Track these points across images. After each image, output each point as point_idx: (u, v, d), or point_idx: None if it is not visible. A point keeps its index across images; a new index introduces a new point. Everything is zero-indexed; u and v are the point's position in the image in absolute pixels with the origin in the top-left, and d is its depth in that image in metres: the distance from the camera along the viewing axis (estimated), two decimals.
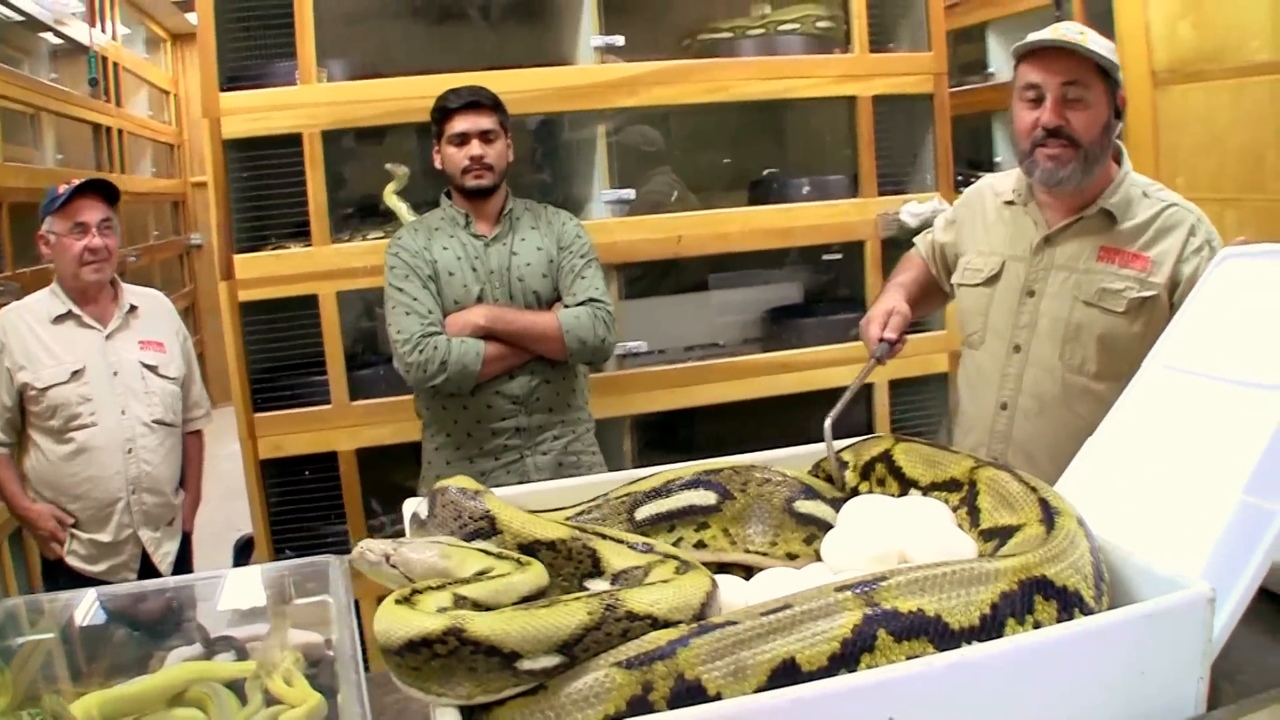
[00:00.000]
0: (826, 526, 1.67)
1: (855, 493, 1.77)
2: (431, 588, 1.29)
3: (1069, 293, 2.34)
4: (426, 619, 1.20)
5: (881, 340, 2.29)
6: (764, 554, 1.70)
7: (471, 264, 2.95)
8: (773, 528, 1.70)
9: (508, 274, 2.96)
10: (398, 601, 1.25)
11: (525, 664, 1.20)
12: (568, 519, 1.65)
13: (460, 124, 2.93)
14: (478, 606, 1.26)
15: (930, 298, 2.70)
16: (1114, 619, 1.30)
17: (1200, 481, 1.59)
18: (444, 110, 2.96)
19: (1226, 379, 1.70)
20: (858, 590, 1.26)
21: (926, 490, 1.66)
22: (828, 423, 1.88)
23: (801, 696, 1.17)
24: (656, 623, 1.26)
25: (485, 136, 2.94)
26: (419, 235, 2.98)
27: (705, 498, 1.72)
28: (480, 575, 1.36)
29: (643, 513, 1.70)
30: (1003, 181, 2.53)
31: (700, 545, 1.70)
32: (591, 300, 2.95)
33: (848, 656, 1.23)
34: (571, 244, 3.02)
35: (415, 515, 1.69)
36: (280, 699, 1.66)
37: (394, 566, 1.40)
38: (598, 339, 2.93)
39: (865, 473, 1.78)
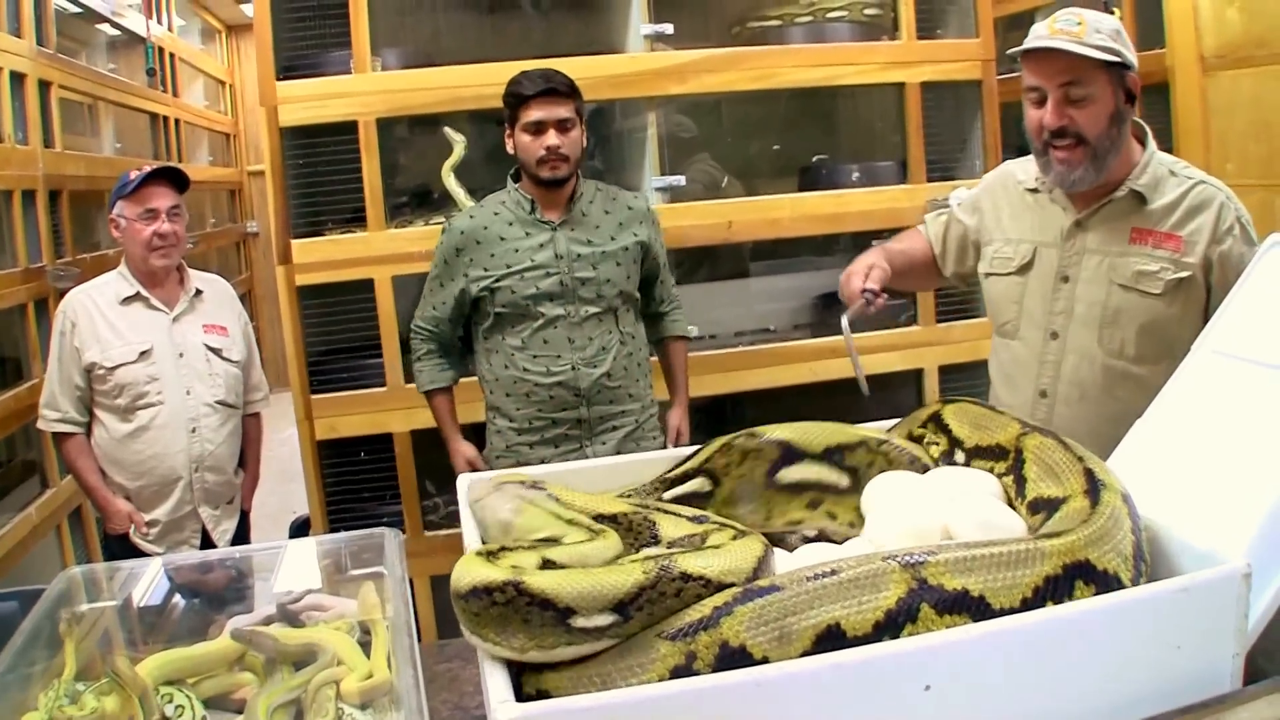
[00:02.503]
0: (824, 486, 1.67)
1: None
2: (523, 548, 1.34)
3: (1104, 276, 2.30)
4: (492, 569, 1.25)
5: (864, 291, 2.28)
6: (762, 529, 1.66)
7: (537, 250, 2.91)
8: (763, 504, 1.69)
9: (577, 261, 2.91)
10: (479, 554, 1.30)
11: (579, 621, 1.22)
12: None
13: (536, 112, 2.83)
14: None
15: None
16: (1149, 592, 1.31)
17: (1247, 465, 1.58)
18: (518, 96, 2.86)
19: (1275, 365, 1.70)
20: (905, 562, 1.27)
21: (970, 454, 1.65)
22: (845, 318, 2.16)
23: (840, 663, 1.19)
24: (709, 584, 1.27)
25: (562, 125, 2.85)
26: (479, 215, 2.97)
27: (702, 485, 1.70)
28: (550, 540, 1.39)
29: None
30: (1026, 167, 2.47)
31: None
32: (675, 301, 3.20)
33: (891, 625, 1.24)
34: (658, 249, 3.09)
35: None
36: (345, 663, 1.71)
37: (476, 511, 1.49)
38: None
39: (918, 441, 1.77)
